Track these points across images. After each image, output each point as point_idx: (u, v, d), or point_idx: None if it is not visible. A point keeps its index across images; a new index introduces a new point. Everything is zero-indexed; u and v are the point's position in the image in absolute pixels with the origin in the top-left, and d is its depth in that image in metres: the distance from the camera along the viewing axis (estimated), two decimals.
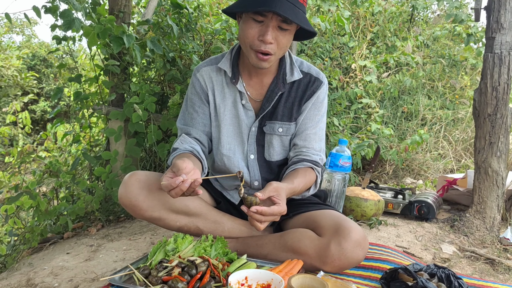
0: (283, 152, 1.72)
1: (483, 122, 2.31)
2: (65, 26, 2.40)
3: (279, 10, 1.36)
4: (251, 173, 1.71)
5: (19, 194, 2.47)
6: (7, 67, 7.73)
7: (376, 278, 1.48)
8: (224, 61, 1.66)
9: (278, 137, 1.68)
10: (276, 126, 1.67)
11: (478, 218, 2.30)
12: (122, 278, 1.38)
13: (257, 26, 1.45)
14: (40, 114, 8.79)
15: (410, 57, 4.21)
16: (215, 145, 1.72)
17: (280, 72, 1.65)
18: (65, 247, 2.21)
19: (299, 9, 1.44)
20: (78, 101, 2.88)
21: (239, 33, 1.54)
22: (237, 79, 1.63)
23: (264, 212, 1.31)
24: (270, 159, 1.71)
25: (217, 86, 1.68)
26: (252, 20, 1.45)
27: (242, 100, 1.66)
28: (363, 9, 4.69)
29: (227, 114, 1.68)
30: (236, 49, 1.68)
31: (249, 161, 1.70)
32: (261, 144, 1.70)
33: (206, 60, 1.74)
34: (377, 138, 3.51)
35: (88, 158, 2.82)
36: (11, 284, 1.66)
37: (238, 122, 1.68)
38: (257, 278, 1.23)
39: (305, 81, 1.67)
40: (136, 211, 1.55)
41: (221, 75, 1.68)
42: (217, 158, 1.72)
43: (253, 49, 1.48)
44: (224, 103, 1.68)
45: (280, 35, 1.46)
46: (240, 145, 1.69)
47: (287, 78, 1.64)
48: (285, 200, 1.39)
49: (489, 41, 2.30)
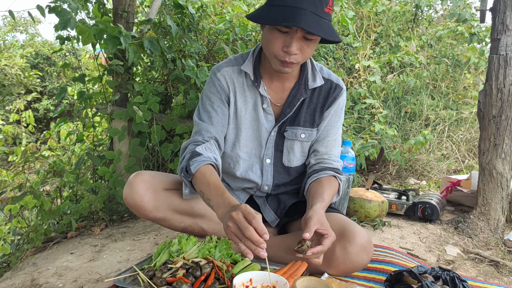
0: (302, 158, 1.71)
1: (488, 124, 2.31)
2: (61, 25, 2.40)
3: (304, 25, 1.32)
4: (264, 177, 1.69)
5: (23, 194, 2.47)
6: (11, 65, 7.75)
7: (380, 280, 1.48)
8: (247, 63, 1.62)
9: (300, 143, 1.67)
10: (299, 132, 1.65)
11: (482, 220, 2.30)
12: (127, 279, 1.37)
13: (282, 36, 1.42)
14: (43, 113, 8.82)
15: (414, 57, 4.20)
16: (230, 146, 1.69)
17: (302, 78, 1.62)
18: (69, 247, 2.22)
19: (324, 20, 1.40)
20: (81, 100, 2.89)
21: (262, 40, 1.51)
22: (259, 83, 1.61)
23: (319, 251, 1.28)
24: (289, 164, 1.70)
25: (238, 88, 1.65)
26: (276, 31, 1.42)
27: (263, 104, 1.63)
28: (366, 9, 4.68)
29: (247, 117, 1.65)
30: (258, 51, 1.65)
31: (265, 165, 1.69)
32: (280, 149, 1.68)
33: (225, 60, 1.70)
34: (381, 139, 3.50)
35: (92, 157, 2.82)
36: (16, 284, 1.66)
37: (257, 125, 1.66)
38: (262, 280, 1.23)
39: (326, 88, 1.65)
40: (140, 211, 1.55)
41: (242, 77, 1.65)
42: (231, 159, 1.70)
43: (278, 59, 1.45)
44: (246, 106, 1.65)
45: (304, 45, 1.43)
46: (257, 148, 1.68)
47: (309, 84, 1.62)
48: (327, 222, 1.36)
49: (494, 43, 2.29)
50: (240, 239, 1.17)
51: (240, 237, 1.18)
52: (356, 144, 3.13)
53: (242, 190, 1.78)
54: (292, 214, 1.66)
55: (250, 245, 1.15)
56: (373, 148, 3.21)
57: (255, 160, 1.69)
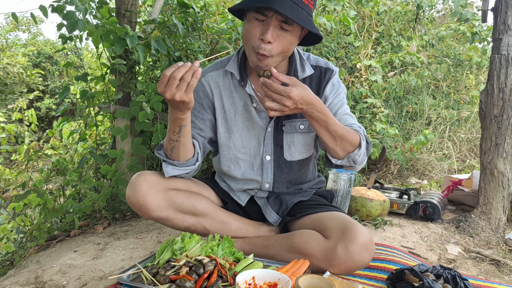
0: (305, 150, 1.70)
1: (489, 124, 2.31)
2: (69, 28, 2.42)
3: (278, 7, 1.34)
4: (264, 174, 1.70)
5: (27, 192, 2.48)
6: (13, 64, 7.77)
7: (382, 279, 1.49)
8: (231, 63, 1.64)
9: (300, 134, 1.67)
10: (297, 124, 1.65)
11: (484, 219, 2.30)
12: (130, 276, 1.39)
13: (259, 25, 1.44)
14: (45, 111, 8.84)
15: (416, 57, 4.20)
16: (224, 149, 1.71)
17: (291, 70, 1.63)
18: (72, 245, 2.23)
19: (302, 9, 1.41)
20: (84, 99, 2.90)
21: (242, 34, 1.52)
22: (245, 82, 1.62)
23: (268, 84, 1.35)
24: (291, 158, 1.69)
25: (224, 91, 1.67)
26: (254, 19, 1.44)
27: (253, 104, 1.64)
28: (368, 8, 4.69)
29: (238, 119, 1.67)
30: (242, 51, 1.65)
31: (265, 162, 1.69)
32: (280, 144, 1.68)
33: (211, 65, 1.73)
34: (382, 138, 3.51)
35: (95, 156, 2.83)
36: (20, 282, 1.67)
37: (252, 124, 1.67)
38: (264, 278, 1.24)
39: (316, 75, 1.65)
40: (143, 210, 1.56)
41: (229, 79, 1.67)
42: (231, 162, 1.71)
43: (254, 50, 1.46)
44: (235, 108, 1.66)
45: (281, 35, 1.44)
46: (256, 147, 1.68)
47: (299, 75, 1.63)
48: (300, 89, 1.37)
49: (496, 43, 2.30)
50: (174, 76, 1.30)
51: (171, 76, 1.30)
52: None
53: (243, 191, 1.79)
54: (294, 214, 1.67)
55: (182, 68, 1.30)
56: (375, 147, 3.22)
57: (255, 158, 1.69)
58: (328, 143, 1.50)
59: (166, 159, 1.59)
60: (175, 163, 1.58)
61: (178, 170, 1.60)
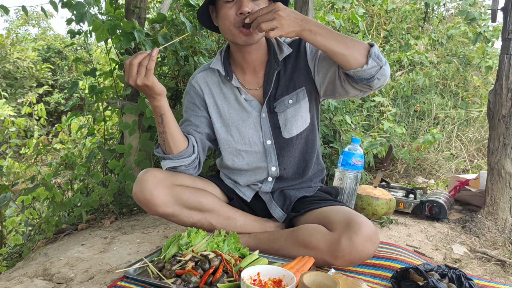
0: (301, 122, 1.70)
1: (497, 124, 2.30)
2: (77, 19, 2.45)
3: None
4: (268, 158, 1.73)
5: (36, 186, 2.51)
6: (23, 58, 7.83)
7: (386, 277, 1.49)
8: (215, 61, 1.71)
9: (292, 109, 1.68)
10: (286, 100, 1.67)
11: (490, 220, 2.30)
12: (137, 270, 1.41)
13: (231, 5, 1.51)
14: (54, 106, 8.91)
15: (424, 56, 4.18)
16: (225, 144, 1.75)
17: (271, 54, 1.67)
18: (80, 238, 2.25)
19: None
20: (93, 94, 2.92)
21: (220, 26, 1.60)
22: (231, 76, 1.68)
23: (254, 13, 1.39)
24: (290, 135, 1.70)
25: (214, 88, 1.74)
26: (225, 4, 1.52)
27: (241, 95, 1.70)
28: (377, 6, 4.67)
29: (232, 112, 1.72)
30: (225, 49, 1.73)
31: (266, 147, 1.72)
32: (277, 126, 1.70)
33: (199, 68, 1.81)
34: (389, 137, 3.50)
35: (103, 151, 2.86)
36: (28, 274, 1.70)
37: (246, 115, 1.70)
38: (269, 274, 1.25)
39: (294, 49, 1.68)
40: (150, 206, 1.58)
41: (216, 76, 1.74)
42: (234, 155, 1.75)
43: (237, 27, 1.52)
44: (227, 102, 1.72)
45: (255, 5, 1.50)
46: (253, 136, 1.71)
47: (278, 56, 1.67)
48: (283, 6, 1.37)
49: (506, 42, 2.28)
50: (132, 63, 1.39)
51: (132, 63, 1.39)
52: (364, 142, 3.13)
53: (247, 186, 1.81)
54: (299, 210, 1.68)
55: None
56: (382, 146, 3.21)
57: (256, 147, 1.72)
58: (342, 51, 1.41)
59: (164, 155, 1.68)
60: (170, 156, 1.66)
61: (174, 162, 1.66)
